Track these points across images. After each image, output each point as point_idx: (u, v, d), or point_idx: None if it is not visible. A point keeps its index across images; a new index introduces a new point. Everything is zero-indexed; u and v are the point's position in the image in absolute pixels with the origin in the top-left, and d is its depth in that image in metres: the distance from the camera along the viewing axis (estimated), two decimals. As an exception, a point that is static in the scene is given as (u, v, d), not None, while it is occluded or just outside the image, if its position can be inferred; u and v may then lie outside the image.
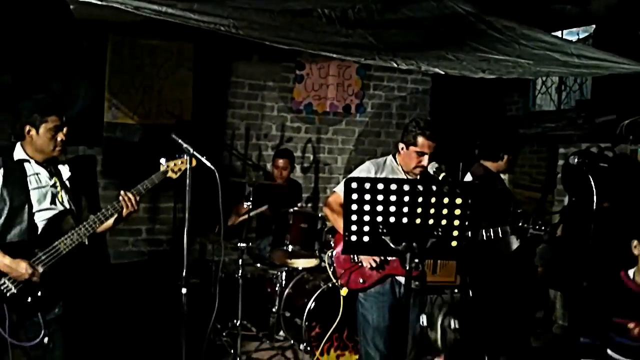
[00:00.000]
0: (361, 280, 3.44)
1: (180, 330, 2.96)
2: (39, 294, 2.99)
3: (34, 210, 3.08)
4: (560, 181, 6.25)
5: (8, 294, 2.94)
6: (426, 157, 3.38)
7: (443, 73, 3.96)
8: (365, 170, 3.49)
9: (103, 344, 4.55)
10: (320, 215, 5.35)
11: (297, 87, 6.82)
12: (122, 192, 3.21)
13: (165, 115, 6.10)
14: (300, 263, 5.31)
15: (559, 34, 6.06)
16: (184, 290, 2.97)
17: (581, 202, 3.95)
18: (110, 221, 3.27)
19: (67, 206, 3.24)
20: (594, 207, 4.06)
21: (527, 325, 4.62)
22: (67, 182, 3.30)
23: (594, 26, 6.33)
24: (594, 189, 4.11)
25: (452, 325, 2.35)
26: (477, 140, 4.86)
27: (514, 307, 4.48)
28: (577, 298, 5.31)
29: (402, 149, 3.47)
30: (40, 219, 3.11)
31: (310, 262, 5.28)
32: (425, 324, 3.41)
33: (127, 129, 6.00)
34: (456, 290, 5.05)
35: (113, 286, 5.16)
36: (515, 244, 4.12)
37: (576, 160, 4.44)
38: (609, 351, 3.46)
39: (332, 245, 4.97)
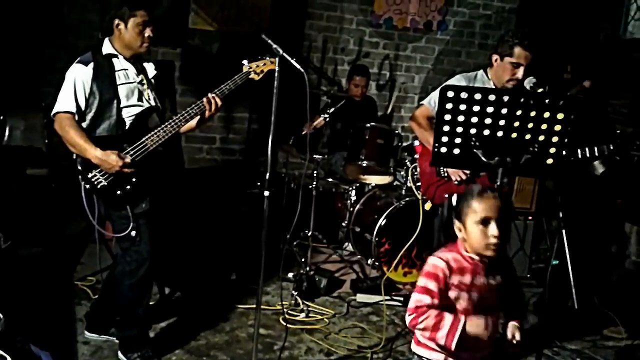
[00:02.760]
0: (447, 195, 3.38)
1: (258, 234, 2.98)
2: (128, 187, 3.07)
3: (121, 106, 3.13)
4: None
5: (99, 186, 3.03)
6: (522, 69, 3.22)
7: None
8: (456, 82, 3.36)
9: (183, 243, 4.71)
10: (396, 132, 5.26)
11: (378, 0, 6.58)
12: (208, 94, 3.21)
13: (244, 23, 6.02)
14: (374, 179, 5.27)
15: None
16: (266, 193, 2.96)
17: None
18: (194, 122, 3.30)
19: (153, 103, 3.27)
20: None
21: (604, 258, 4.49)
22: (152, 81, 3.32)
23: None
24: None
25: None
26: (566, 64, 4.62)
27: (593, 239, 4.36)
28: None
29: (496, 60, 3.31)
30: (127, 115, 3.15)
31: (384, 179, 5.24)
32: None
33: (206, 36, 5.96)
34: (530, 218, 4.95)
35: (189, 189, 5.27)
36: (600, 168, 3.95)
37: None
38: None
39: (410, 164, 4.91)
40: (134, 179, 3.08)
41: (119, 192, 3.07)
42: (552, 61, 5.50)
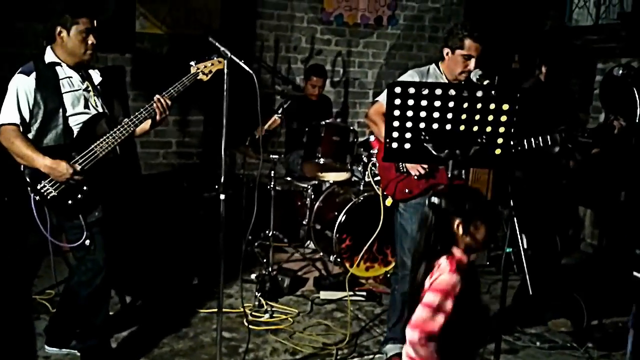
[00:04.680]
0: (407, 190, 3.40)
1: (216, 237, 2.97)
2: (79, 196, 3.02)
3: (68, 114, 3.08)
4: (597, 97, 6.08)
5: (49, 197, 2.98)
6: (473, 61, 3.26)
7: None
8: (409, 78, 3.39)
9: (141, 250, 4.65)
10: (352, 128, 5.29)
11: (327, -3, 6.61)
12: (155, 97, 3.18)
13: (193, 25, 5.96)
14: (332, 176, 5.30)
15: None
16: (222, 196, 2.95)
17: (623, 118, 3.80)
18: (146, 125, 3.26)
19: (101, 110, 3.22)
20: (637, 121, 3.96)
21: (559, 241, 4.60)
22: (98, 87, 3.27)
23: None
24: (639, 102, 3.99)
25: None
26: (513, 54, 4.71)
27: (548, 224, 4.45)
28: (611, 214, 5.28)
29: (447, 54, 3.35)
30: (74, 123, 3.11)
31: (342, 176, 5.26)
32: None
33: (155, 39, 5.89)
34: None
35: (146, 195, 5.22)
36: (556, 147, 4.02)
37: (620, 72, 4.30)
38: None
39: (367, 160, 4.95)
40: (84, 188, 3.04)
41: (70, 202, 3.02)
42: (500, 51, 5.60)
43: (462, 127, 2.61)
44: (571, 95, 4.71)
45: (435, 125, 2.61)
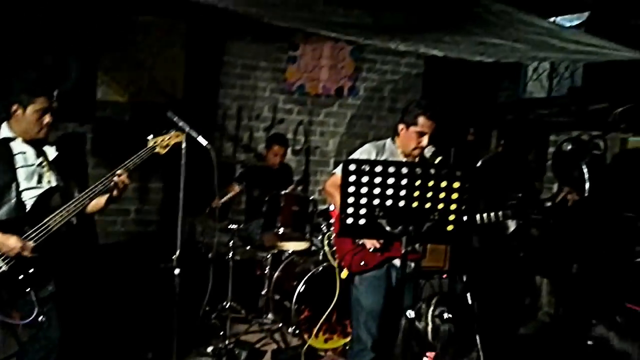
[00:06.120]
0: (362, 263, 3.42)
1: (171, 311, 2.93)
2: (30, 271, 2.95)
3: (21, 189, 3.05)
4: (551, 168, 6.26)
5: (-1, 272, 2.90)
6: (426, 138, 3.35)
7: (441, 55, 3.93)
8: (366, 152, 3.46)
9: (95, 324, 4.52)
10: (311, 198, 5.33)
11: (290, 68, 6.76)
12: (114, 173, 3.16)
13: (157, 94, 6.02)
14: (291, 246, 5.28)
15: (552, 20, 6.04)
16: (176, 271, 2.93)
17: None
18: (102, 201, 3.23)
19: (54, 184, 3.19)
20: (585, 194, 4.09)
21: (516, 312, 4.64)
22: (53, 163, 3.25)
23: (587, 14, 6.31)
24: (587, 176, 4.13)
25: (445, 316, 2.33)
26: (469, 126, 4.86)
27: (505, 294, 4.50)
28: (566, 284, 5.36)
29: (402, 130, 3.44)
30: (28, 197, 3.06)
31: (301, 245, 5.26)
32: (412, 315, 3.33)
33: (117, 108, 5.92)
34: (444, 276, 5.08)
35: (102, 266, 5.12)
36: (512, 226, 4.12)
37: (569, 147, 4.46)
38: None
39: (326, 229, 4.96)
40: (37, 262, 2.97)
41: (21, 277, 2.94)
42: (456, 124, 5.76)
43: (415, 204, 2.66)
44: (527, 166, 4.85)
45: (389, 202, 2.65)
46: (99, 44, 5.76)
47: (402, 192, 2.63)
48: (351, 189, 2.65)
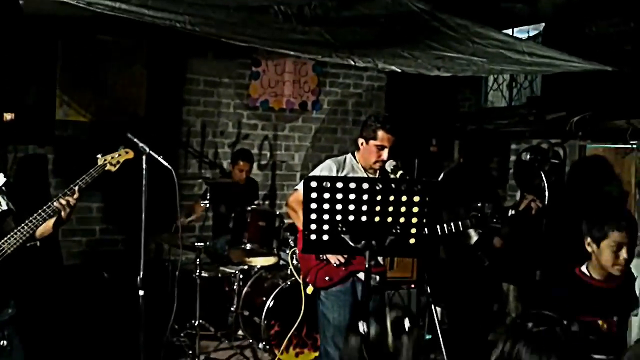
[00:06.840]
0: (327, 278, 3.44)
1: (137, 331, 2.91)
2: (-14, 295, 2.90)
3: (-30, 215, 3.00)
4: (512, 177, 6.37)
5: (-45, 299, 2.85)
6: (386, 151, 3.40)
7: (399, 71, 3.99)
8: (327, 168, 3.49)
9: (60, 346, 4.45)
10: (278, 212, 5.35)
11: (253, 84, 6.78)
12: (59, 196, 3.11)
13: (119, 113, 5.98)
14: (259, 261, 5.28)
15: (509, 32, 6.17)
16: (141, 292, 2.91)
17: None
18: (49, 225, 3.16)
19: (5, 208, 3.14)
20: (545, 202, 4.18)
21: (484, 319, 4.70)
22: (3, 188, 3.19)
23: (543, 25, 6.46)
24: (546, 184, 4.22)
25: (406, 326, 2.33)
26: (431, 138, 4.94)
27: (473, 301, 4.56)
28: (530, 291, 5.45)
29: (362, 144, 3.48)
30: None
31: (269, 260, 5.26)
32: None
33: (79, 127, 5.86)
34: (413, 286, 5.12)
35: (67, 287, 5.04)
36: (475, 237, 4.18)
37: (528, 156, 4.56)
38: None
39: (293, 243, 4.97)
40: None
41: (-22, 302, 2.89)
42: (419, 135, 5.84)
43: (377, 218, 2.69)
44: (489, 174, 4.93)
45: (351, 217, 2.68)
46: (57, 64, 5.71)
47: (364, 207, 2.66)
48: (313, 206, 2.67)
